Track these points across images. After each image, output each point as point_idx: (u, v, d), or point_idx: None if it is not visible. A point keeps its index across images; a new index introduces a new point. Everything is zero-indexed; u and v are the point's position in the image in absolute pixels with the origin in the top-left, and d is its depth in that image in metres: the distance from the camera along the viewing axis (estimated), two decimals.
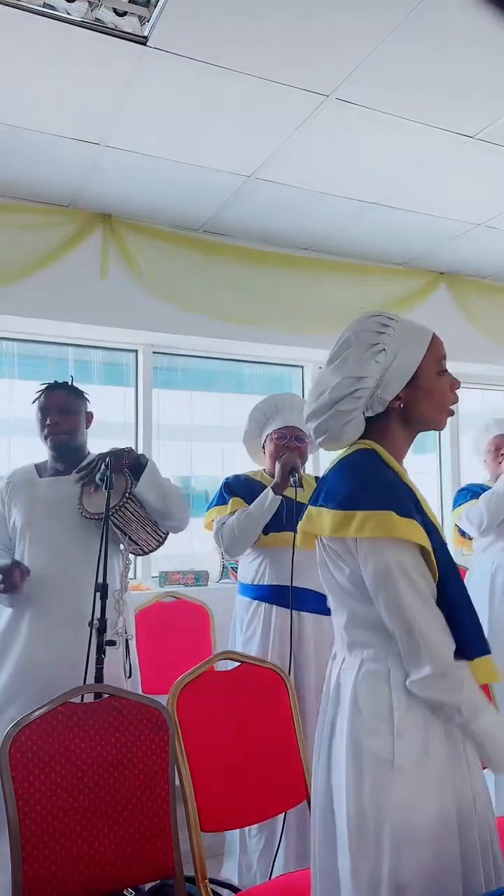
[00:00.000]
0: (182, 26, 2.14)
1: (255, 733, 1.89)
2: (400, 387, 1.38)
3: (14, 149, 2.84)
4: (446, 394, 1.41)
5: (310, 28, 2.15)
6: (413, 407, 1.39)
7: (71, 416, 2.28)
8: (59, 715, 1.61)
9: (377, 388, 1.37)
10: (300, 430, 2.53)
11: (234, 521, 2.42)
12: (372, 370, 1.36)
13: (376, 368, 1.36)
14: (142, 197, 3.29)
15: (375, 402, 1.38)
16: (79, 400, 2.33)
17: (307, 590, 2.37)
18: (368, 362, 1.36)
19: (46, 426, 2.26)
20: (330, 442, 1.43)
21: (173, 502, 2.22)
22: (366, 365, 1.36)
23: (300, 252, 3.94)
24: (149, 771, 1.66)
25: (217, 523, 2.47)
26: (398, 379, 1.37)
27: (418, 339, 1.40)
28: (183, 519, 2.28)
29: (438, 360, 1.41)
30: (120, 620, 2.13)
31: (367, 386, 1.36)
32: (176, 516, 2.24)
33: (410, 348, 1.39)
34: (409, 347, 1.39)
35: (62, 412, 2.27)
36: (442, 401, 1.41)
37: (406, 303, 4.13)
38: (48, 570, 2.16)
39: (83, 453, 2.34)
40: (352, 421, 1.38)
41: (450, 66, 2.34)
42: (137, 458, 2.22)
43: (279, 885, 1.76)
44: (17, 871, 1.46)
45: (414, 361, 1.38)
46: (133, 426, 3.84)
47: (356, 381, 1.36)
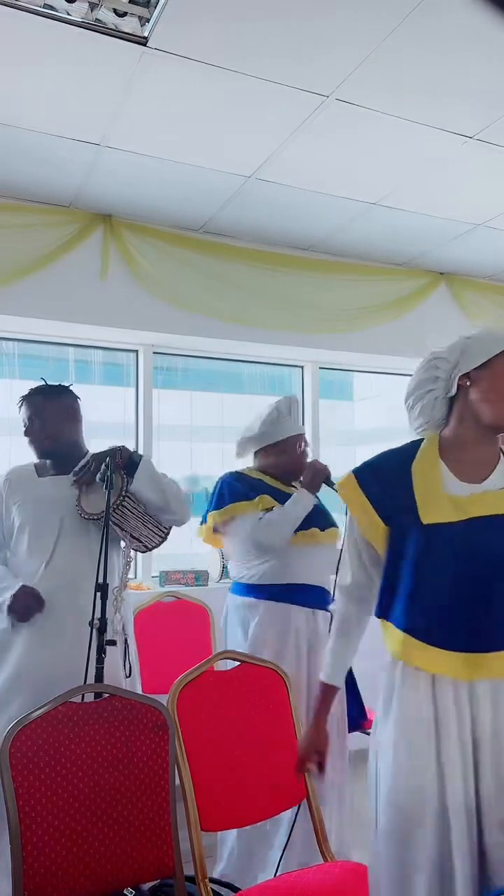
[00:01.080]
0: (182, 27, 2.14)
1: (255, 733, 1.90)
2: (472, 365, 1.48)
3: (14, 149, 2.84)
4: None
5: (310, 28, 2.15)
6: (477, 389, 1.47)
7: (51, 420, 2.28)
8: (59, 715, 1.61)
9: (454, 367, 1.50)
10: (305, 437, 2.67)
11: (277, 517, 2.41)
12: (454, 348, 1.52)
13: (457, 348, 1.51)
14: (142, 197, 3.29)
15: (451, 380, 1.50)
16: (56, 401, 2.30)
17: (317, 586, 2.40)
18: (455, 344, 1.53)
19: (27, 435, 2.29)
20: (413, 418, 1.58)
21: (171, 496, 2.21)
22: (453, 345, 1.53)
23: (300, 252, 3.94)
24: (149, 771, 1.66)
25: (252, 520, 2.43)
26: (472, 359, 1.48)
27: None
28: (182, 512, 2.26)
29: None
30: (117, 618, 2.13)
31: (445, 358, 1.51)
32: (175, 510, 2.23)
33: (492, 339, 1.49)
34: (493, 337, 1.50)
35: (41, 418, 2.27)
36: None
37: (406, 303, 4.13)
38: (49, 570, 2.16)
39: (80, 452, 2.33)
40: (430, 393, 1.52)
41: (450, 67, 2.34)
42: (130, 456, 2.21)
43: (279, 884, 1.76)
44: (17, 870, 1.46)
45: (494, 348, 1.48)
46: (133, 426, 3.84)
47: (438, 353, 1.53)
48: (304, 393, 4.28)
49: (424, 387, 1.54)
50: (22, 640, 2.11)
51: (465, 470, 1.47)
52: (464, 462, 1.47)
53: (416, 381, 1.56)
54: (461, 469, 1.47)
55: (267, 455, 2.60)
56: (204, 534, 2.64)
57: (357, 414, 4.74)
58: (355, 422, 4.72)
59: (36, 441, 2.29)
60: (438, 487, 1.43)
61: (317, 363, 4.27)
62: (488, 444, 1.50)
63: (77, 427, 2.34)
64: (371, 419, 4.70)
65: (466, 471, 1.47)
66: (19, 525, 2.24)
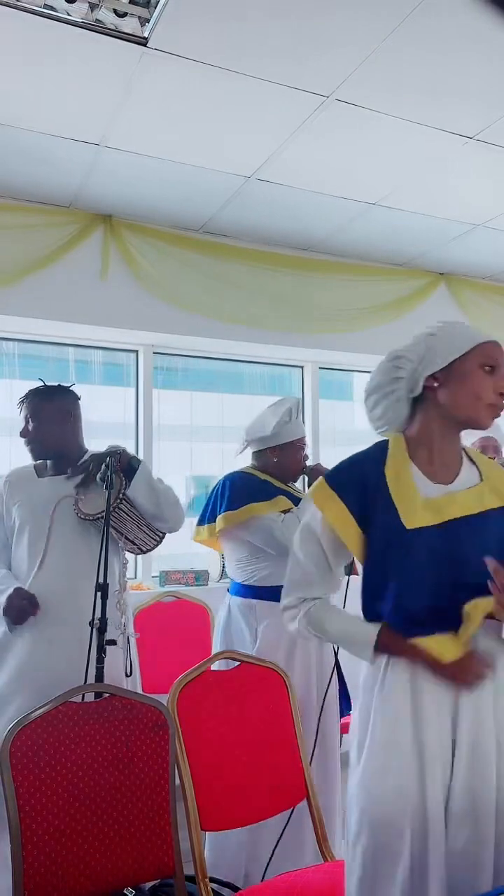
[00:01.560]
0: (182, 27, 2.14)
1: (255, 733, 1.90)
2: (438, 366, 1.44)
3: (14, 149, 2.84)
4: (484, 386, 1.42)
5: (310, 29, 2.15)
6: (446, 389, 1.43)
7: (43, 422, 2.27)
8: (59, 715, 1.61)
9: (418, 365, 1.46)
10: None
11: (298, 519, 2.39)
12: (417, 346, 1.48)
13: (421, 346, 1.47)
14: (142, 197, 3.29)
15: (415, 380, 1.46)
16: (50, 402, 2.30)
17: None
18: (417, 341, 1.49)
19: (22, 436, 2.29)
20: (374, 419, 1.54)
21: (165, 504, 2.20)
22: (414, 343, 1.49)
23: (300, 252, 3.94)
24: (149, 770, 1.66)
25: (274, 518, 2.42)
26: (438, 358, 1.44)
27: (471, 336, 1.47)
28: (175, 520, 2.25)
29: (486, 357, 1.44)
30: (123, 619, 2.13)
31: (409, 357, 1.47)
32: (168, 518, 2.23)
33: (459, 338, 1.46)
34: (457, 337, 1.46)
35: (35, 420, 2.27)
36: (477, 391, 1.41)
37: (406, 303, 4.13)
38: (49, 570, 2.16)
39: (78, 452, 2.32)
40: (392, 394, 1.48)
41: (450, 67, 2.34)
42: (129, 461, 2.21)
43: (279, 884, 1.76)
44: (18, 870, 1.46)
45: (458, 348, 1.44)
46: (133, 426, 3.84)
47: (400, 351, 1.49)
48: (304, 393, 4.29)
49: (386, 387, 1.50)
50: (22, 641, 2.11)
51: (436, 471, 1.45)
52: (433, 463, 1.45)
53: (377, 381, 1.51)
54: (432, 470, 1.45)
55: (272, 454, 2.60)
56: (204, 535, 2.61)
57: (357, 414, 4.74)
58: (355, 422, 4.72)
59: (30, 442, 2.29)
60: (414, 491, 1.41)
61: (317, 363, 4.27)
62: (453, 444, 1.48)
63: (72, 428, 2.33)
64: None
65: (437, 472, 1.45)
66: (19, 525, 2.24)
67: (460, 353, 1.43)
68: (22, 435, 2.30)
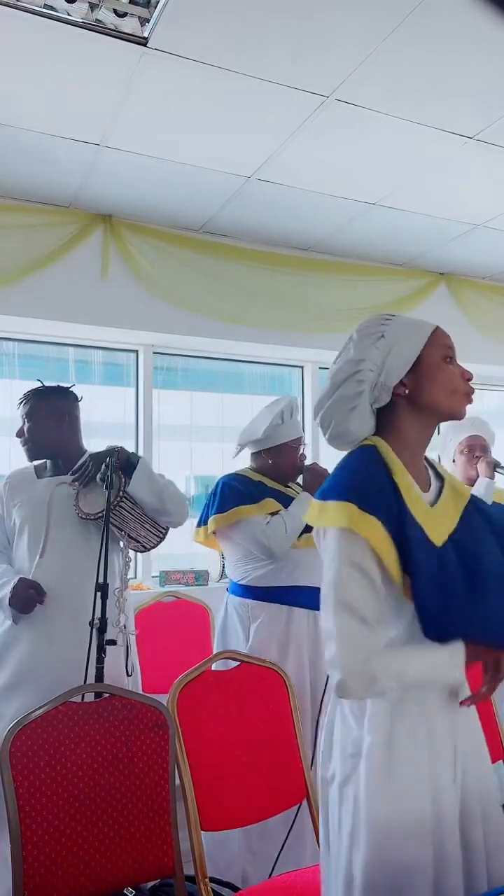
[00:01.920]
0: (182, 27, 2.14)
1: (255, 733, 1.90)
2: (403, 372, 1.35)
3: (14, 149, 2.84)
4: (454, 379, 1.36)
5: (310, 29, 2.15)
6: (419, 392, 1.36)
7: (36, 423, 2.27)
8: (59, 715, 1.61)
9: (380, 375, 1.36)
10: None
11: (284, 520, 2.42)
12: (372, 354, 1.36)
13: (376, 353, 1.36)
14: (142, 197, 3.29)
15: (381, 390, 1.36)
16: (45, 403, 2.29)
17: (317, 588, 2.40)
18: (369, 348, 1.37)
19: (17, 436, 2.30)
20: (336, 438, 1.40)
21: (169, 498, 2.21)
22: (366, 350, 1.37)
23: (300, 252, 3.94)
24: (149, 771, 1.66)
25: (259, 521, 2.43)
26: (400, 363, 1.36)
27: (420, 329, 1.39)
28: (180, 514, 2.26)
29: (443, 347, 1.38)
30: (122, 618, 2.13)
31: (369, 369, 1.35)
32: (172, 512, 2.22)
33: (411, 335, 1.38)
34: (409, 334, 1.38)
35: (31, 420, 2.28)
36: (450, 385, 1.36)
37: (406, 303, 4.13)
38: (49, 570, 2.16)
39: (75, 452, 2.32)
40: (356, 409, 1.36)
41: (450, 67, 2.34)
42: (128, 457, 2.21)
43: (279, 884, 1.76)
44: (18, 870, 1.46)
45: (416, 347, 1.36)
46: (133, 426, 3.84)
47: (356, 363, 1.36)
48: (304, 393, 4.29)
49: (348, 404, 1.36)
50: (23, 640, 2.12)
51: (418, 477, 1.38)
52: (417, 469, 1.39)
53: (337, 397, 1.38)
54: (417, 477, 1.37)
55: (266, 456, 2.61)
56: (202, 536, 2.62)
57: None
58: None
59: (26, 442, 2.30)
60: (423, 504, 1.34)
61: (317, 363, 4.27)
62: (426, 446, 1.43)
63: (68, 428, 2.32)
64: None
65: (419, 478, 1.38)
66: (19, 526, 2.24)
67: (419, 349, 1.36)
68: (17, 435, 2.31)
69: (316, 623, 2.43)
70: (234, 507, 2.46)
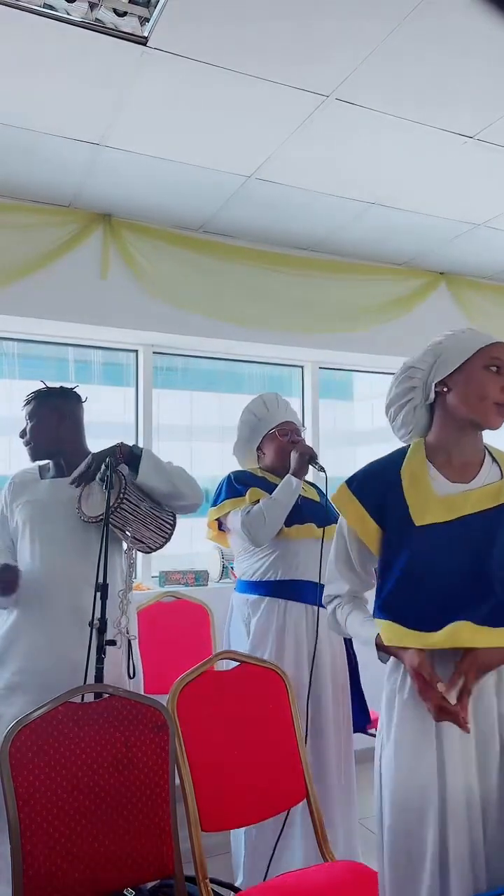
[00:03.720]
0: (182, 27, 2.14)
1: (255, 733, 1.90)
2: (446, 372, 1.51)
3: (14, 149, 2.84)
4: (490, 386, 1.47)
5: (310, 28, 2.14)
6: (454, 393, 1.50)
7: (38, 423, 2.28)
8: (59, 715, 1.61)
9: (429, 374, 1.53)
10: (296, 424, 2.65)
11: (262, 508, 2.41)
12: (427, 356, 1.56)
13: (431, 355, 1.55)
14: (142, 197, 3.29)
15: (427, 388, 1.54)
16: (47, 403, 2.30)
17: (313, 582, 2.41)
18: (426, 352, 1.57)
19: (21, 437, 2.31)
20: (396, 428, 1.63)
21: (180, 481, 2.21)
22: (424, 353, 1.57)
23: (300, 252, 3.94)
24: (149, 771, 1.66)
25: (241, 513, 2.44)
26: (446, 365, 1.51)
27: (479, 338, 1.53)
28: (196, 496, 2.25)
29: (492, 357, 1.49)
30: (123, 620, 2.13)
31: (420, 367, 1.55)
32: (187, 494, 2.22)
33: (468, 341, 1.52)
34: (466, 341, 1.53)
35: (33, 420, 2.29)
36: (482, 391, 1.47)
37: (406, 303, 4.13)
38: (50, 571, 2.16)
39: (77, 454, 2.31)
40: (409, 403, 1.56)
41: (450, 66, 2.34)
42: (131, 450, 2.21)
43: (279, 884, 1.76)
44: (17, 870, 1.46)
45: (465, 352, 1.50)
46: (133, 426, 3.84)
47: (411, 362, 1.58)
48: (304, 393, 4.29)
49: (403, 397, 1.58)
50: (24, 641, 2.11)
51: (454, 471, 1.51)
52: (452, 464, 1.52)
53: (394, 392, 1.61)
54: (450, 471, 1.51)
55: (263, 454, 2.62)
56: (211, 533, 2.68)
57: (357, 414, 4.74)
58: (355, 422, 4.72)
59: (27, 443, 2.31)
60: (428, 489, 1.47)
61: (317, 363, 4.27)
62: (472, 444, 1.53)
63: (70, 429, 2.32)
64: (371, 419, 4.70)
65: (455, 472, 1.51)
66: (21, 527, 2.24)
67: (466, 356, 1.49)
68: (20, 435, 2.32)
69: (313, 617, 2.43)
70: (225, 500, 2.52)
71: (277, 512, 2.41)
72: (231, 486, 2.54)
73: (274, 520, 2.41)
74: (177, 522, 2.28)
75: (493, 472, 1.53)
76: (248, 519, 2.42)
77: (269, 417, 2.61)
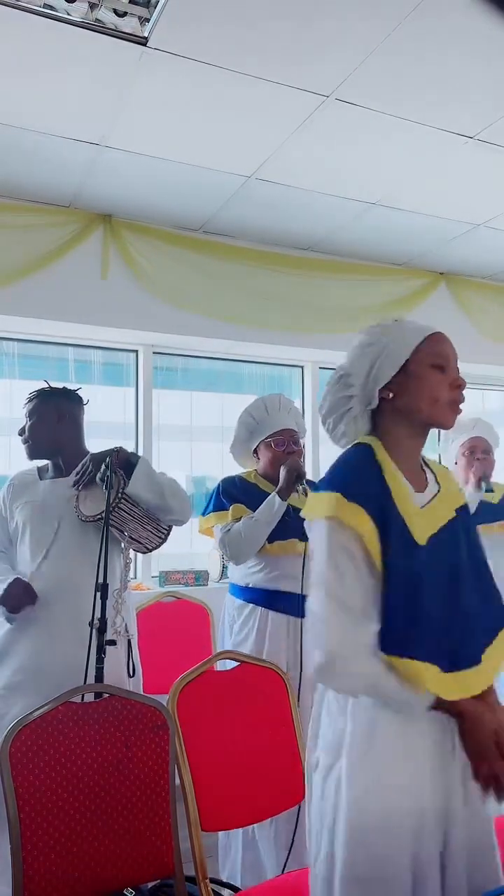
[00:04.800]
0: (182, 27, 2.14)
1: (255, 733, 1.90)
2: (389, 375, 1.39)
3: (14, 149, 2.84)
4: (438, 387, 1.36)
5: (310, 28, 2.15)
6: (403, 398, 1.38)
7: (36, 422, 2.28)
8: (59, 715, 1.61)
9: (368, 380, 1.41)
10: (295, 431, 2.56)
11: (242, 528, 2.39)
12: (361, 361, 1.42)
13: (365, 360, 1.41)
14: (142, 197, 3.29)
15: (369, 395, 1.41)
16: (47, 403, 2.30)
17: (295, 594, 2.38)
18: (358, 356, 1.43)
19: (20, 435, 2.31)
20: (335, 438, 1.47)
21: (171, 495, 2.19)
22: (356, 357, 1.43)
23: (300, 252, 3.94)
24: (149, 771, 1.66)
25: (221, 530, 2.44)
26: (386, 369, 1.39)
27: (413, 333, 1.41)
28: (183, 512, 2.24)
29: (435, 354, 1.38)
30: (118, 619, 2.12)
31: (355, 374, 1.41)
32: (175, 509, 2.21)
33: (403, 340, 1.40)
34: (401, 339, 1.40)
35: (31, 420, 2.29)
36: (433, 393, 1.36)
37: (406, 303, 4.13)
38: (49, 571, 2.16)
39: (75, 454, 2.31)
40: (349, 412, 1.43)
41: (450, 66, 2.34)
42: (128, 458, 2.20)
43: (279, 884, 1.76)
44: (17, 870, 1.46)
45: (405, 351, 1.39)
46: (133, 426, 3.84)
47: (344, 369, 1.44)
48: (304, 393, 4.29)
49: (341, 407, 1.43)
50: (24, 641, 2.12)
51: (413, 479, 1.39)
52: (411, 471, 1.41)
53: (329, 402, 1.45)
54: (411, 478, 1.39)
55: (260, 457, 2.59)
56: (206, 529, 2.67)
57: None
58: None
59: (25, 442, 2.31)
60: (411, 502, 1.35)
61: (317, 363, 4.27)
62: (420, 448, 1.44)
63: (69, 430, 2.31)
64: None
65: (414, 479, 1.39)
66: (21, 528, 2.24)
67: (406, 357, 1.38)
68: (19, 433, 2.32)
69: (294, 628, 2.39)
70: (211, 513, 2.51)
71: (257, 532, 2.38)
72: (218, 498, 2.52)
73: (253, 540, 2.38)
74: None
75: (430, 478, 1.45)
76: (227, 538, 2.41)
77: (267, 422, 2.54)
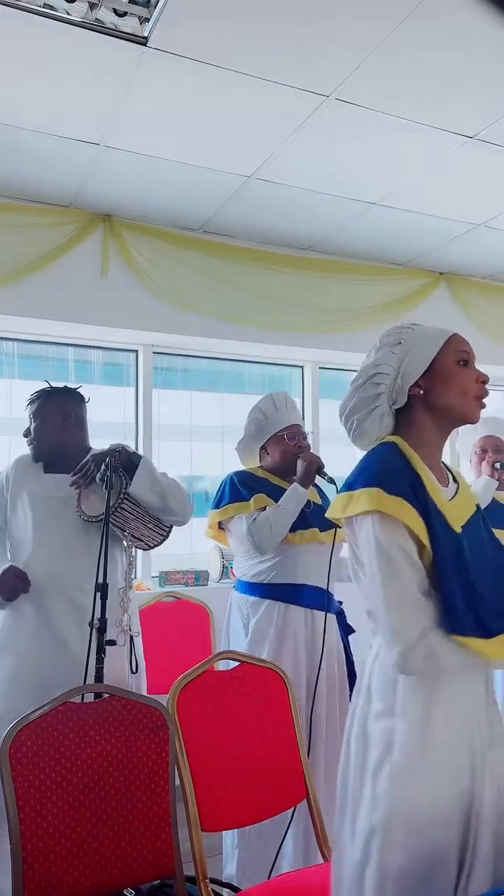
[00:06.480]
0: (182, 27, 2.14)
1: (255, 733, 1.90)
2: (418, 374, 1.44)
3: (14, 149, 2.84)
4: (467, 381, 1.43)
5: (310, 28, 2.14)
6: (433, 393, 1.44)
7: (42, 423, 2.29)
8: (59, 715, 1.61)
9: (397, 378, 1.45)
10: (302, 428, 2.62)
11: (269, 516, 2.40)
12: (389, 360, 1.46)
13: (394, 358, 1.46)
14: (142, 197, 3.29)
15: (398, 392, 1.45)
16: (50, 403, 2.30)
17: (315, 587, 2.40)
18: (387, 354, 1.47)
19: (24, 436, 2.32)
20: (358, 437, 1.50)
21: (172, 497, 2.20)
22: (384, 355, 1.47)
23: (300, 252, 3.94)
24: (149, 771, 1.66)
25: (246, 519, 2.43)
26: (415, 366, 1.44)
27: (437, 334, 1.48)
28: (184, 513, 2.25)
29: (458, 352, 1.45)
30: (125, 617, 2.13)
31: (386, 372, 1.45)
32: (176, 511, 2.22)
33: (428, 341, 1.46)
34: (426, 340, 1.47)
35: (36, 420, 2.29)
36: (462, 387, 1.43)
37: (406, 303, 4.13)
38: (50, 570, 2.16)
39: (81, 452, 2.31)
40: (375, 410, 1.46)
41: (450, 66, 2.34)
42: (129, 457, 2.20)
43: (279, 885, 1.76)
44: (18, 870, 1.46)
45: (431, 351, 1.45)
46: (133, 426, 3.84)
47: (374, 367, 1.47)
48: (304, 393, 4.29)
49: (369, 405, 1.46)
50: (25, 640, 2.12)
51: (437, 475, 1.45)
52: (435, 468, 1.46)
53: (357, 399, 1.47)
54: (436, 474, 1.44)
55: (267, 454, 2.61)
56: (210, 532, 2.66)
57: None
58: None
59: (31, 442, 2.31)
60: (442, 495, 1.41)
61: (317, 363, 4.27)
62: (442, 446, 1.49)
63: (72, 429, 2.32)
64: None
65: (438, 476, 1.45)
66: (23, 520, 2.24)
67: (433, 354, 1.45)
68: (24, 435, 2.33)
69: (313, 621, 2.42)
70: (228, 504, 2.49)
71: (284, 521, 2.40)
72: (235, 489, 2.51)
73: (280, 529, 2.40)
74: None
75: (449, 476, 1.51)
76: (254, 527, 2.41)
77: (277, 418, 2.59)
